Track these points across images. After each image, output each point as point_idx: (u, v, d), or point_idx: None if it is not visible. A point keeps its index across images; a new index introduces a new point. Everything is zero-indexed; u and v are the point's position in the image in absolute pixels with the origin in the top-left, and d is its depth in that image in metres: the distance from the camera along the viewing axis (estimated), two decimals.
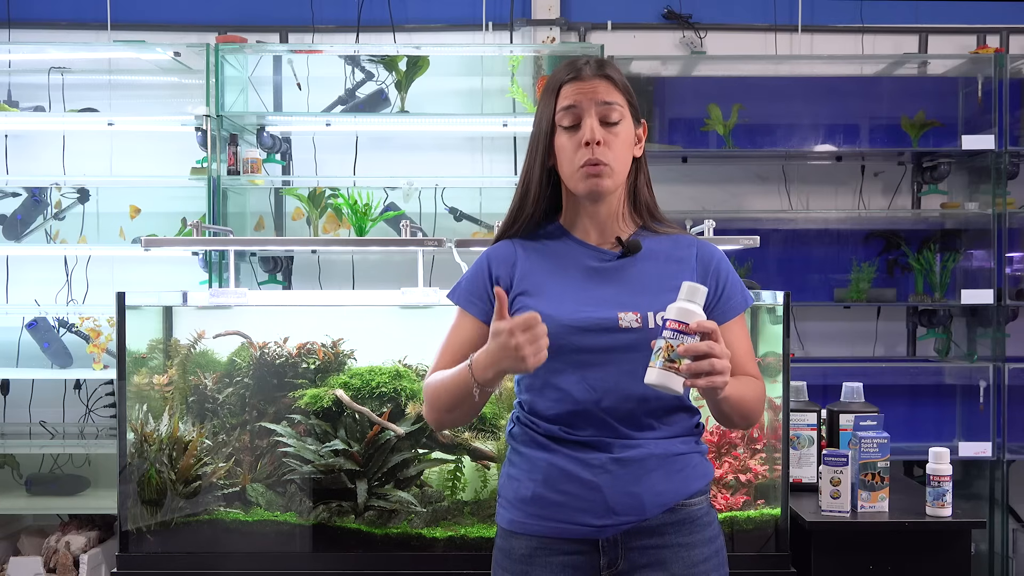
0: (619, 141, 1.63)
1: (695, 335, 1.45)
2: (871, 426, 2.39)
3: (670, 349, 1.45)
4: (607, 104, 1.62)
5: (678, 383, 1.45)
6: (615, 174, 1.63)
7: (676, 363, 1.45)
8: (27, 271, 4.08)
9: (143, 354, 2.52)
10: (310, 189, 3.89)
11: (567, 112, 1.63)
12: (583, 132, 1.61)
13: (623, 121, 1.64)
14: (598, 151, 1.60)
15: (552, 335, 1.57)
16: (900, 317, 4.13)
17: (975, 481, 3.91)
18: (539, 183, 1.69)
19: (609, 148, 1.62)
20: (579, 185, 1.64)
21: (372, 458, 2.42)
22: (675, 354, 1.45)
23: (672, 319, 1.46)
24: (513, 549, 1.66)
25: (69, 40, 4.05)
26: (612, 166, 1.62)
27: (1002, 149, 3.76)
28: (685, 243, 1.71)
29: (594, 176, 1.61)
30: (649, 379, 1.46)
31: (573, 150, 1.62)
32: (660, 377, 1.45)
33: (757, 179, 4.15)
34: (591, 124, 1.61)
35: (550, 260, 1.69)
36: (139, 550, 2.41)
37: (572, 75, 1.64)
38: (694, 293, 1.48)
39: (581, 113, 1.62)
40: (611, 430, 1.61)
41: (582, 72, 1.64)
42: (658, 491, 1.61)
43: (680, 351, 1.45)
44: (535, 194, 1.69)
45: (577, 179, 1.63)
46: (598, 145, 1.60)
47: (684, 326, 1.45)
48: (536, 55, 4.00)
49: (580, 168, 1.62)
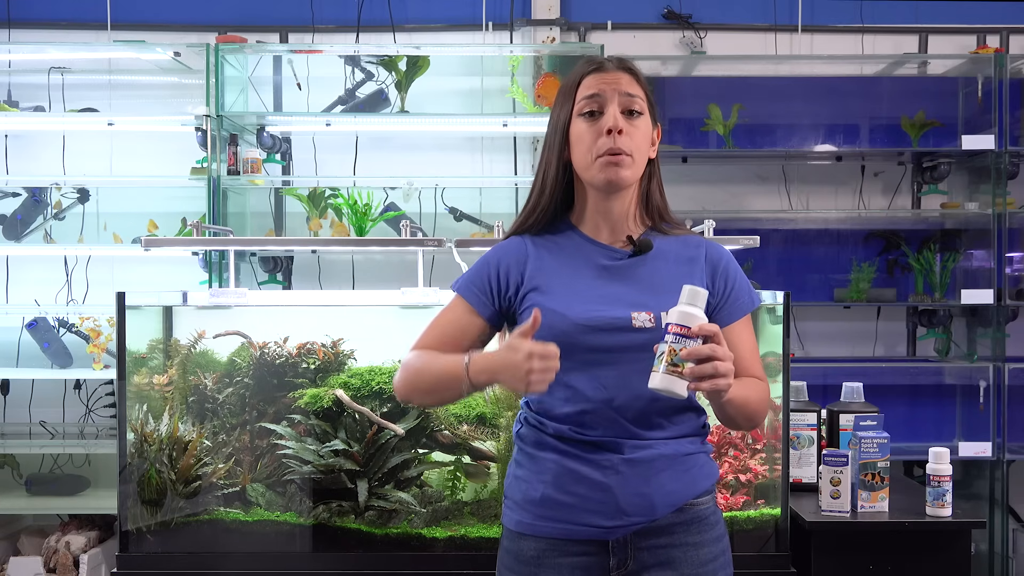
0: (639, 134, 1.62)
1: (697, 339, 1.45)
2: (871, 426, 2.39)
3: (673, 353, 1.45)
4: (630, 96, 1.61)
5: (682, 387, 1.45)
6: (635, 165, 1.62)
7: (679, 367, 1.45)
8: (27, 271, 4.08)
9: (143, 354, 2.52)
10: (310, 189, 3.89)
11: (590, 100, 1.61)
12: (605, 119, 1.60)
13: (644, 116, 1.63)
14: (620, 139, 1.59)
15: (564, 333, 1.57)
16: (900, 317, 4.13)
17: (975, 481, 3.91)
18: (556, 176, 1.67)
19: (631, 139, 1.60)
20: (597, 175, 1.61)
21: (372, 458, 2.42)
22: (678, 358, 1.45)
23: (674, 323, 1.46)
24: (521, 551, 1.65)
25: (69, 40, 4.05)
26: (633, 156, 1.61)
27: (1002, 149, 3.76)
28: (694, 243, 1.71)
29: (614, 165, 1.59)
30: (653, 384, 1.46)
31: (593, 138, 1.60)
32: (664, 382, 1.45)
33: (757, 179, 4.15)
34: (614, 112, 1.60)
35: (561, 257, 1.68)
36: (139, 550, 2.41)
37: (594, 67, 1.64)
38: (695, 296, 1.48)
39: (604, 102, 1.61)
40: (622, 430, 1.60)
41: (604, 65, 1.64)
42: (668, 491, 1.61)
43: (683, 355, 1.44)
44: (552, 187, 1.68)
45: (595, 168, 1.61)
46: (619, 134, 1.59)
47: (686, 330, 1.45)
48: (536, 55, 4.00)
49: (599, 157, 1.60)
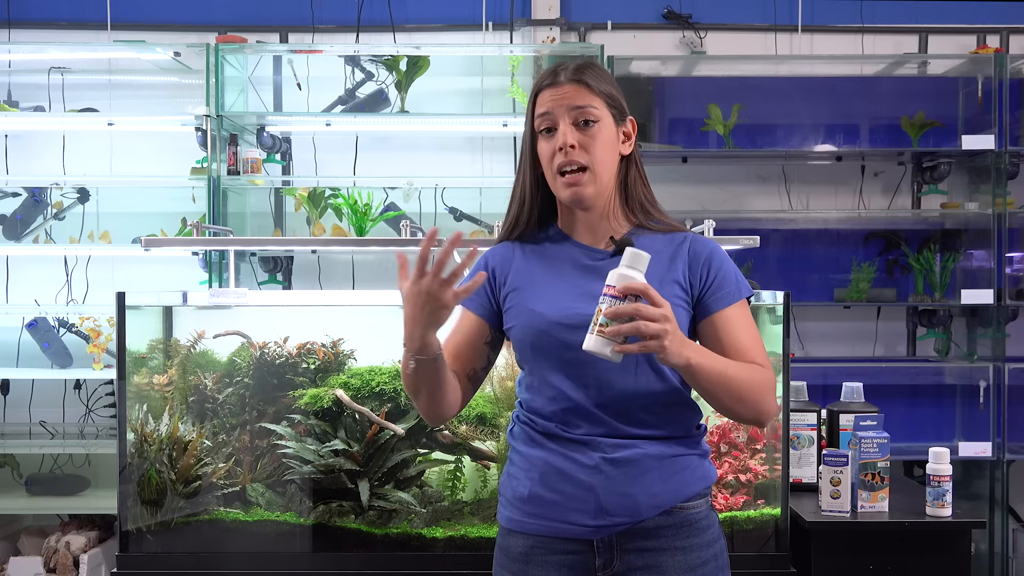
0: (597, 143, 1.63)
1: (627, 297, 1.42)
2: (871, 426, 2.39)
3: (598, 314, 1.42)
4: (579, 108, 1.63)
5: (606, 347, 1.41)
6: (597, 178, 1.63)
7: (604, 327, 1.41)
8: (27, 271, 4.08)
9: (143, 354, 2.52)
10: (310, 189, 3.89)
11: (543, 118, 1.65)
12: (557, 138, 1.62)
13: (600, 122, 1.64)
14: (574, 154, 1.61)
15: (541, 332, 1.60)
16: (900, 317, 4.13)
17: (975, 481, 3.91)
18: (531, 190, 1.71)
19: (587, 151, 1.62)
20: (561, 193, 1.65)
21: (372, 458, 2.42)
22: (603, 318, 1.42)
23: (607, 284, 1.44)
24: (511, 547, 1.67)
25: (69, 40, 4.05)
26: (593, 169, 1.62)
27: (1002, 149, 3.75)
28: (679, 239, 1.70)
29: (573, 185, 1.62)
30: (586, 346, 1.43)
31: (550, 156, 1.64)
32: (592, 343, 1.42)
33: (757, 179, 4.15)
34: (564, 129, 1.62)
35: (545, 260, 1.70)
36: (139, 550, 2.41)
37: (548, 81, 1.66)
38: (635, 260, 1.46)
39: (555, 119, 1.63)
40: (607, 427, 1.60)
41: (558, 78, 1.65)
42: (653, 493, 1.60)
43: (606, 314, 1.42)
44: (528, 201, 1.71)
45: (559, 187, 1.64)
46: (572, 149, 1.61)
47: (614, 290, 1.42)
48: (536, 55, 4.00)
49: (559, 176, 1.63)
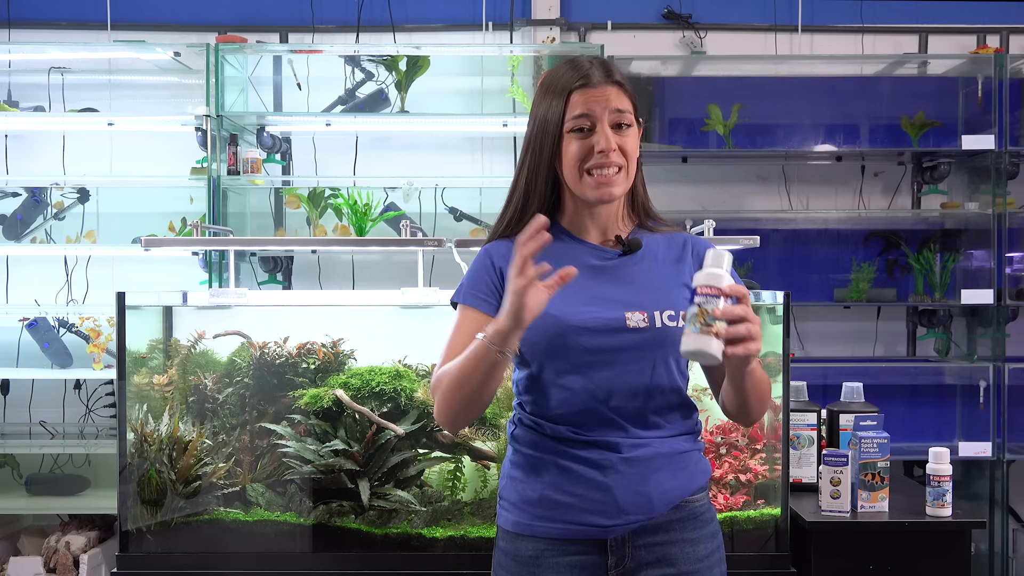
0: (630, 146, 1.64)
1: (730, 298, 1.40)
2: (871, 426, 2.39)
3: (705, 314, 1.38)
4: (620, 111, 1.62)
5: (717, 348, 1.38)
6: (627, 178, 1.65)
7: (713, 327, 1.37)
8: (27, 271, 4.08)
9: (143, 354, 2.52)
10: (310, 189, 3.89)
11: (580, 119, 1.62)
12: (597, 139, 1.60)
13: (633, 126, 1.65)
14: (613, 156, 1.61)
15: (558, 336, 1.58)
16: (900, 317, 4.13)
17: (975, 481, 3.91)
18: (544, 185, 1.67)
19: (623, 153, 1.63)
20: (588, 192, 1.63)
21: (372, 458, 2.42)
22: (711, 318, 1.37)
23: (703, 284, 1.40)
24: (519, 551, 1.65)
25: (69, 40, 4.05)
26: (627, 171, 1.64)
27: (1002, 149, 3.75)
28: (679, 241, 1.72)
29: (605, 185, 1.62)
30: (685, 346, 1.39)
31: (583, 155, 1.62)
32: (697, 343, 1.38)
33: (757, 179, 4.14)
34: (606, 131, 1.61)
35: (549, 258, 1.63)
36: (139, 550, 2.41)
37: (581, 81, 1.62)
38: (720, 259, 1.43)
39: (595, 122, 1.62)
40: (620, 429, 1.61)
41: (591, 78, 1.62)
42: (665, 489, 1.62)
43: (717, 314, 1.38)
44: (540, 196, 1.68)
45: (586, 186, 1.63)
46: (613, 152, 1.61)
47: (717, 290, 1.39)
48: (536, 55, 4.00)
49: (589, 175, 1.62)
